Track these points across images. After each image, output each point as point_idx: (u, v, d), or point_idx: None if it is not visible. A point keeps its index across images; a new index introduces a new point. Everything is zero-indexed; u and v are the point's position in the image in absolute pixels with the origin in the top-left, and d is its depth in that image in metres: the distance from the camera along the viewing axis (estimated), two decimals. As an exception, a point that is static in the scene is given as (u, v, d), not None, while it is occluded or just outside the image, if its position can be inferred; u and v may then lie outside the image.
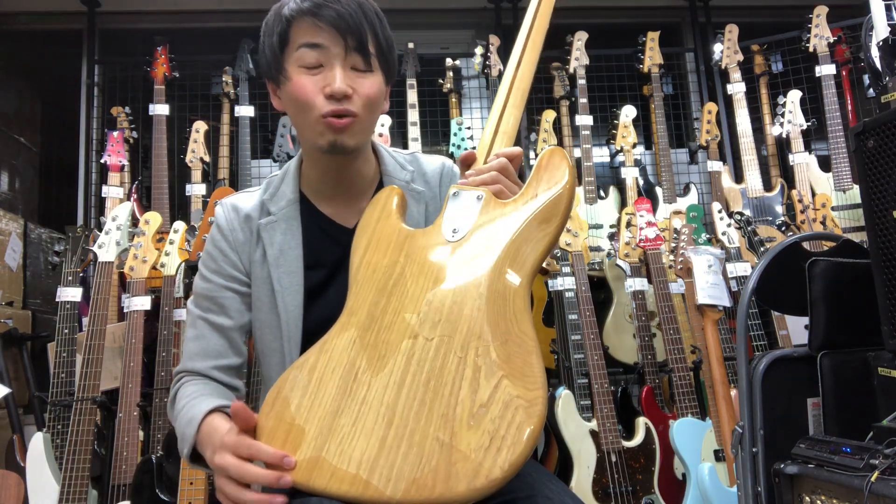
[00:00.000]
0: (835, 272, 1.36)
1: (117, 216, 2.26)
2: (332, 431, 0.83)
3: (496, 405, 0.80)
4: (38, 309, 2.89)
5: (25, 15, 3.44)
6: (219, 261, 1.11)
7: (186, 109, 3.20)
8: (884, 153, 1.24)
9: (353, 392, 0.85)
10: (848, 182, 2.87)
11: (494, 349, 0.84)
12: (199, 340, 1.08)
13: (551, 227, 0.91)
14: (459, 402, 0.81)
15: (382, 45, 1.03)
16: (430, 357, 0.85)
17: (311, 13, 0.98)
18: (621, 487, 2.21)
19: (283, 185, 1.13)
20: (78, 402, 2.05)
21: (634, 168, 3.02)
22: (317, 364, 0.89)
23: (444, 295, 0.89)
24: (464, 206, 0.96)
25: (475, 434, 0.79)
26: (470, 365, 0.84)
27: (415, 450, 0.80)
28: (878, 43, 1.51)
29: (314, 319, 1.07)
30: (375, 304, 0.91)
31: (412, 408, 0.83)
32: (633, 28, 3.32)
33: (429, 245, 0.95)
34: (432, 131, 3.31)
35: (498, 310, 0.87)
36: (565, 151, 0.97)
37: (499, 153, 1.01)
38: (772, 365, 1.35)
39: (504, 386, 0.81)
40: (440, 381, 0.83)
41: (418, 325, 0.88)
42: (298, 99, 1.00)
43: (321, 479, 0.81)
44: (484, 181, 0.97)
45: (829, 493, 1.16)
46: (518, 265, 0.90)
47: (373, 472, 0.80)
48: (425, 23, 3.70)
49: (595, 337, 2.38)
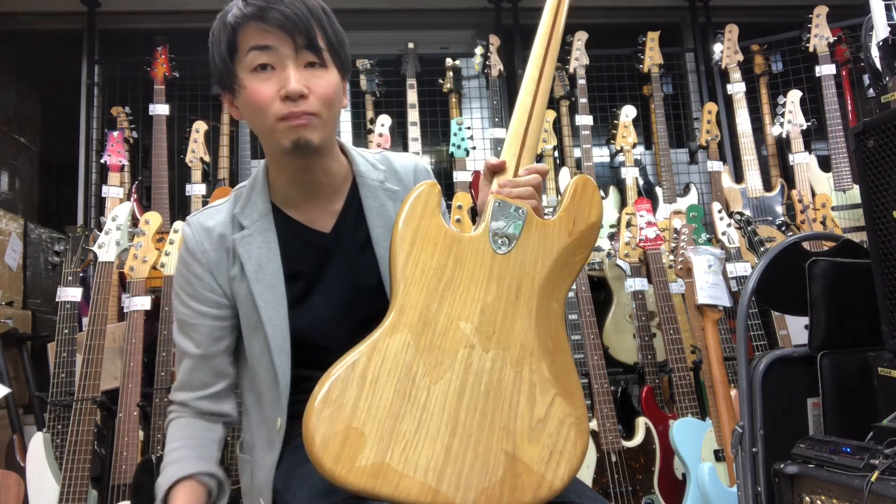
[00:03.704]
0: (835, 272, 1.36)
1: (117, 216, 2.26)
2: (394, 437, 0.83)
3: (552, 421, 0.88)
4: (38, 309, 2.89)
5: (25, 15, 3.43)
6: (194, 285, 1.08)
7: (186, 109, 3.20)
8: (884, 153, 1.24)
9: (414, 397, 0.85)
10: (848, 182, 2.87)
11: (546, 367, 0.91)
12: (186, 372, 1.10)
13: (583, 255, 0.98)
14: (519, 416, 0.87)
15: (332, 41, 1.01)
16: (487, 369, 0.89)
17: (257, 17, 0.96)
18: (621, 487, 2.21)
19: (252, 196, 1.09)
20: (78, 402, 2.05)
21: (634, 168, 3.02)
22: (369, 365, 0.86)
23: (496, 307, 0.92)
24: (508, 219, 0.97)
25: (536, 448, 0.86)
26: (526, 381, 0.89)
27: (480, 459, 0.84)
28: (878, 43, 1.51)
29: (301, 328, 1.06)
30: (427, 306, 0.91)
31: (474, 418, 0.86)
32: (633, 28, 3.32)
33: (478, 253, 0.95)
34: (432, 131, 3.31)
35: (545, 329, 0.93)
36: (593, 181, 1.01)
37: (530, 168, 1.01)
38: (772, 365, 1.35)
39: (558, 403, 0.89)
40: (499, 393, 0.88)
41: (473, 334, 0.90)
42: (255, 105, 0.98)
43: (387, 486, 0.81)
44: (521, 195, 0.98)
45: (829, 493, 1.16)
46: (557, 287, 0.96)
47: (441, 479, 0.81)
48: (425, 23, 3.70)
49: (595, 337, 2.38)
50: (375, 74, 3.17)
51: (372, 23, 3.57)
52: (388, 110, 3.06)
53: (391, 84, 3.20)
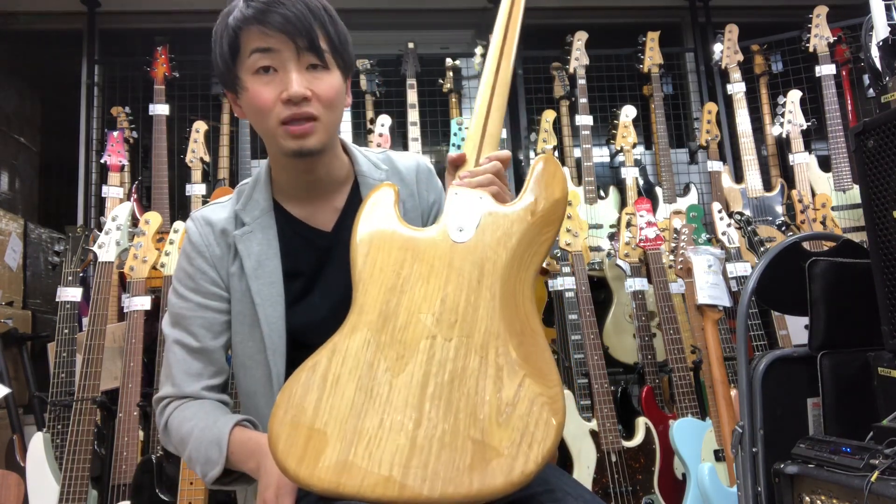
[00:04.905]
0: (835, 272, 1.36)
1: (117, 216, 2.26)
2: (357, 434, 0.82)
3: (522, 403, 0.85)
4: (38, 309, 2.89)
5: (25, 15, 3.44)
6: (196, 278, 1.08)
7: (186, 109, 3.20)
8: (884, 153, 1.24)
9: (376, 393, 0.85)
10: (848, 182, 2.87)
11: (513, 348, 0.88)
12: (182, 364, 1.06)
13: (550, 233, 0.96)
14: (486, 401, 0.85)
15: (335, 41, 1.00)
16: (450, 357, 0.87)
17: (258, 20, 0.96)
18: (621, 487, 2.21)
19: (255, 194, 1.10)
20: (78, 402, 2.05)
21: (634, 168, 3.02)
22: (330, 366, 0.87)
23: (457, 295, 0.91)
24: (466, 207, 0.96)
25: (506, 431, 0.83)
26: (492, 364, 0.87)
27: (447, 449, 0.82)
28: (878, 43, 1.51)
29: (298, 327, 1.06)
30: (386, 303, 0.91)
31: (439, 408, 0.84)
32: (633, 28, 3.32)
33: (436, 244, 0.95)
34: (432, 131, 3.31)
35: (511, 310, 0.91)
36: (556, 159, 1.01)
37: (490, 156, 1.01)
38: (772, 365, 1.35)
39: (527, 384, 0.86)
40: (463, 380, 0.86)
41: (434, 324, 0.89)
42: (256, 107, 0.99)
43: (352, 484, 0.80)
44: (481, 183, 0.98)
45: (829, 493, 1.16)
46: (524, 267, 0.94)
47: (407, 472, 0.80)
48: (425, 23, 3.70)
49: (595, 337, 2.38)
50: (375, 74, 3.17)
51: (372, 23, 3.57)
52: (388, 110, 3.06)
53: (391, 84, 3.21)
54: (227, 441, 0.97)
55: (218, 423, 0.99)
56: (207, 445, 0.98)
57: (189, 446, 1.00)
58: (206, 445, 0.98)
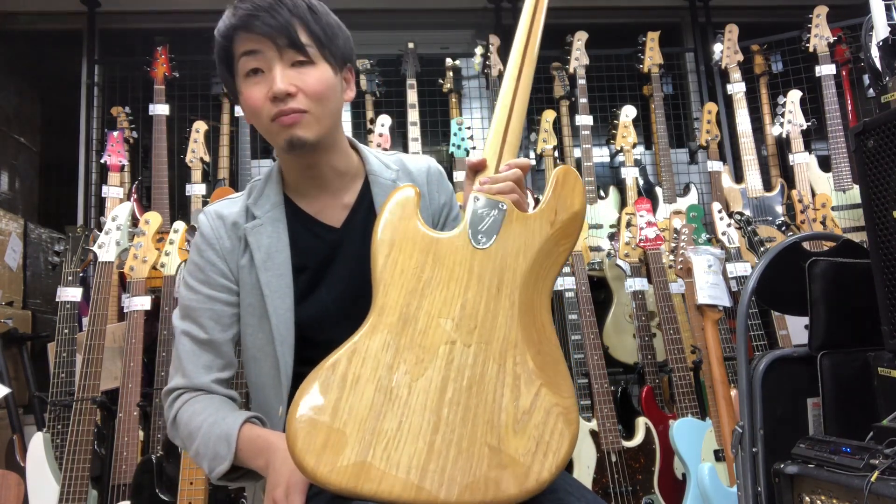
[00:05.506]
0: (835, 272, 1.36)
1: (117, 216, 2.26)
2: (376, 435, 0.83)
3: (538, 412, 0.87)
4: (38, 309, 2.89)
5: (25, 15, 3.44)
6: (206, 270, 1.09)
7: (186, 109, 3.20)
8: (884, 153, 1.24)
9: (395, 396, 0.85)
10: (848, 182, 2.87)
11: (531, 358, 0.90)
12: (192, 356, 1.07)
13: (568, 244, 0.97)
14: (503, 409, 0.86)
15: (319, 35, 1.02)
16: (469, 363, 0.88)
17: (243, 27, 1.00)
18: (621, 487, 2.21)
19: (266, 189, 1.12)
20: (78, 402, 2.05)
21: (634, 168, 3.02)
22: (350, 366, 0.87)
23: (477, 302, 0.92)
24: (487, 214, 0.97)
25: (522, 440, 0.85)
26: (509, 373, 0.89)
27: (464, 454, 0.83)
28: (878, 43, 1.51)
29: (306, 320, 1.07)
30: (407, 305, 0.91)
31: (457, 413, 0.85)
32: (633, 28, 3.32)
33: (457, 250, 0.95)
34: (432, 131, 3.31)
35: (529, 320, 0.92)
36: (575, 170, 1.01)
37: (511, 164, 1.01)
38: (772, 365, 1.35)
39: (543, 394, 0.88)
40: (482, 387, 0.87)
41: (454, 330, 0.90)
42: (250, 108, 1.03)
43: (370, 485, 0.80)
44: (502, 190, 0.98)
45: (829, 493, 1.16)
46: (542, 277, 0.95)
47: (424, 476, 0.81)
48: (425, 23, 3.70)
49: (595, 337, 2.38)
50: (375, 74, 3.17)
51: (372, 23, 3.57)
52: (388, 110, 3.06)
53: (391, 84, 3.21)
54: (237, 437, 0.97)
55: (227, 420, 0.99)
56: (216, 441, 0.98)
57: (197, 441, 1.00)
58: (215, 441, 0.98)
